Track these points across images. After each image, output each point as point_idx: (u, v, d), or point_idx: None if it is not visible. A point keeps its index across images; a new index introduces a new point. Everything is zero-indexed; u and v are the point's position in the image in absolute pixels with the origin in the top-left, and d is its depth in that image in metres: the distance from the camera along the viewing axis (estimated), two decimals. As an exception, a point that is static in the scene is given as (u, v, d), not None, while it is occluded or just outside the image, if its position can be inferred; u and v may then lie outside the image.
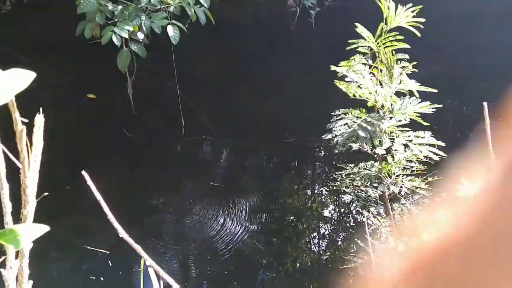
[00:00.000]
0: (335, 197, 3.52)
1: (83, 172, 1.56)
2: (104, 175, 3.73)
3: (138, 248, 1.46)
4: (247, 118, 4.44)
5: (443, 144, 1.93)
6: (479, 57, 4.83)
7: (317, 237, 3.39)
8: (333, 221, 3.43)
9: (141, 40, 4.31)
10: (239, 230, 3.44)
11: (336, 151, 2.04)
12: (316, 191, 3.66)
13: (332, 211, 3.50)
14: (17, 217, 0.84)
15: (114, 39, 4.15)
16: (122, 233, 1.47)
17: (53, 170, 3.78)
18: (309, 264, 3.17)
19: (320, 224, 3.42)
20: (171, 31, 4.32)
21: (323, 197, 3.58)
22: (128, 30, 4.21)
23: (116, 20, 4.34)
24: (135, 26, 4.28)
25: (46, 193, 0.90)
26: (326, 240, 3.33)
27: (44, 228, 0.66)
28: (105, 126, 4.44)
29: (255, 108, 4.58)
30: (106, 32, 4.16)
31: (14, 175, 0.85)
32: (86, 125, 4.40)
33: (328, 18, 5.48)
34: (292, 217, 3.50)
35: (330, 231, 3.38)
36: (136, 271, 2.91)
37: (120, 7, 4.43)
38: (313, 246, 3.31)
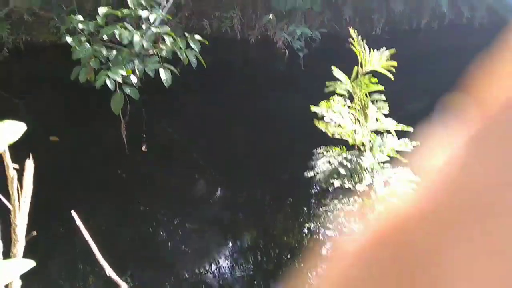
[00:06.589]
0: (319, 234, 3.56)
1: (72, 212, 1.61)
2: (95, 216, 3.77)
3: (124, 286, 1.50)
4: (238, 156, 4.53)
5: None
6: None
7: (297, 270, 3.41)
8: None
9: (134, 84, 4.43)
10: (230, 265, 3.46)
11: (319, 188, 2.12)
12: (301, 227, 3.71)
13: (316, 248, 3.53)
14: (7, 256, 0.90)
15: (108, 83, 4.28)
16: (109, 271, 1.53)
17: (44, 212, 3.82)
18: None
19: (303, 260, 3.45)
20: (163, 74, 4.46)
21: (307, 234, 3.63)
22: (122, 74, 4.33)
23: (110, 64, 4.48)
24: (129, 70, 4.42)
25: (34, 232, 0.96)
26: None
27: (30, 264, 0.73)
28: (99, 165, 4.50)
29: (245, 146, 4.68)
30: (100, 77, 4.29)
31: (4, 215, 0.92)
32: (81, 164, 4.47)
33: (316, 60, 5.67)
34: (276, 253, 3.54)
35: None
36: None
37: (114, 52, 4.58)
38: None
